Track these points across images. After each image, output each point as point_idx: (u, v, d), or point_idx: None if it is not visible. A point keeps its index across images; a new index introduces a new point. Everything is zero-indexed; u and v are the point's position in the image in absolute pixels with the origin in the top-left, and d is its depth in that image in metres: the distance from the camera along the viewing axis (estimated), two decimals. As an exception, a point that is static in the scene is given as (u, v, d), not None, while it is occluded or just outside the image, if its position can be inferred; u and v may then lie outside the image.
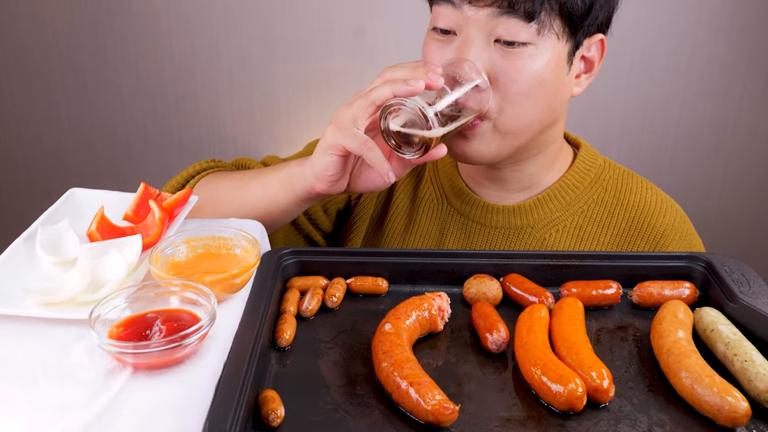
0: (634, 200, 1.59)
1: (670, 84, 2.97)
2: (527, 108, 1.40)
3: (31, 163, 3.20)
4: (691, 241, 1.59)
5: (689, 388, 1.02)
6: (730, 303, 1.19)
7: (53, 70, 3.04)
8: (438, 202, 1.65)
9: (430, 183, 1.67)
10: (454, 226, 1.63)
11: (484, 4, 1.33)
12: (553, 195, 1.58)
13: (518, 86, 1.37)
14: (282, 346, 1.16)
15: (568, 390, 1.00)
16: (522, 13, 1.32)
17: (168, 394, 0.98)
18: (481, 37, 1.36)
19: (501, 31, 1.34)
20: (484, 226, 1.60)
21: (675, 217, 1.59)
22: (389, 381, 1.04)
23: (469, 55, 1.36)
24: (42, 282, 1.20)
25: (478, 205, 1.60)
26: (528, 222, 1.58)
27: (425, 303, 1.19)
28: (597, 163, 1.62)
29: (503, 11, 1.32)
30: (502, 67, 1.36)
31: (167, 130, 3.10)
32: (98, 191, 1.42)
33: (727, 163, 3.09)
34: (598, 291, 1.26)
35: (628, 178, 1.62)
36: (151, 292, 1.12)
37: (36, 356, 1.05)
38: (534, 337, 1.11)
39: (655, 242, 1.55)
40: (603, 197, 1.59)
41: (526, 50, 1.35)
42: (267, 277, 1.24)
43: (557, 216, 1.58)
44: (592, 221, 1.58)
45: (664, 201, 1.60)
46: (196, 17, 2.94)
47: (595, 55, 1.47)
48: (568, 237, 1.57)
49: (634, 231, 1.57)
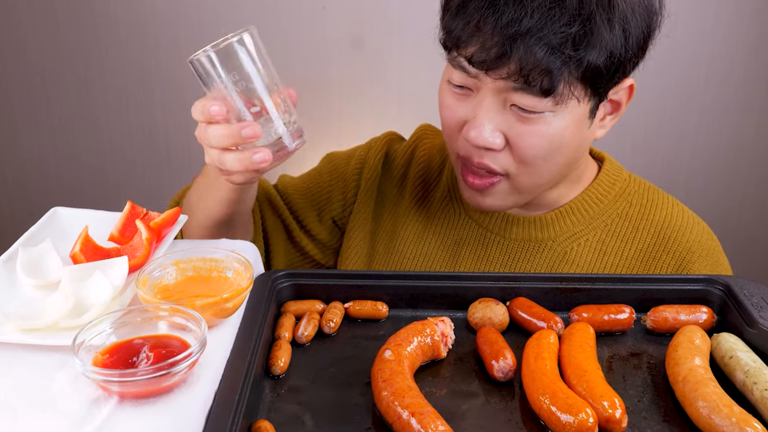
0: (660, 215, 1.59)
1: (686, 96, 2.98)
2: (545, 169, 1.44)
3: (11, 180, 3.19)
4: (717, 259, 1.60)
5: (706, 418, 1.02)
6: (749, 328, 1.19)
7: (35, 85, 3.05)
8: (455, 211, 1.67)
9: (446, 192, 1.69)
10: (471, 236, 1.64)
11: (498, 77, 1.34)
12: (576, 208, 1.59)
13: (535, 151, 1.40)
14: (276, 374, 1.16)
15: (578, 420, 1.00)
16: (538, 90, 1.33)
17: (156, 425, 0.98)
18: (497, 102, 1.38)
19: (516, 101, 1.36)
20: (503, 238, 1.61)
21: (702, 234, 1.59)
22: (390, 411, 1.04)
23: (485, 118, 1.38)
24: (23, 306, 1.20)
25: (498, 216, 1.61)
26: (549, 235, 1.59)
27: (428, 328, 1.19)
28: (621, 177, 1.64)
29: (519, 86, 1.34)
30: (518, 132, 1.39)
31: (155, 145, 3.10)
32: (82, 210, 1.42)
33: (747, 177, 3.09)
34: (610, 316, 1.26)
35: (653, 194, 1.63)
36: (138, 317, 1.12)
37: (16, 385, 1.04)
38: (542, 365, 1.12)
39: (680, 258, 1.56)
40: (627, 211, 1.60)
41: (543, 117, 1.37)
42: (260, 301, 1.24)
43: (580, 229, 1.59)
44: (616, 236, 1.59)
45: (690, 218, 1.61)
46: (183, 29, 2.95)
47: (622, 97, 1.48)
48: (591, 251, 1.58)
49: (659, 246, 1.57)
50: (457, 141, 1.46)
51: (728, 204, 3.14)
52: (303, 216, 1.77)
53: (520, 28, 1.29)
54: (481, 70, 1.35)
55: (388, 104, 3.04)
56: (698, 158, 3.07)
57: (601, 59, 1.32)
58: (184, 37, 2.95)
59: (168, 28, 2.95)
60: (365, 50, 2.98)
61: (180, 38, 2.96)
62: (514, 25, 1.29)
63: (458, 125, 1.44)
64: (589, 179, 1.63)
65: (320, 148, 1.86)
